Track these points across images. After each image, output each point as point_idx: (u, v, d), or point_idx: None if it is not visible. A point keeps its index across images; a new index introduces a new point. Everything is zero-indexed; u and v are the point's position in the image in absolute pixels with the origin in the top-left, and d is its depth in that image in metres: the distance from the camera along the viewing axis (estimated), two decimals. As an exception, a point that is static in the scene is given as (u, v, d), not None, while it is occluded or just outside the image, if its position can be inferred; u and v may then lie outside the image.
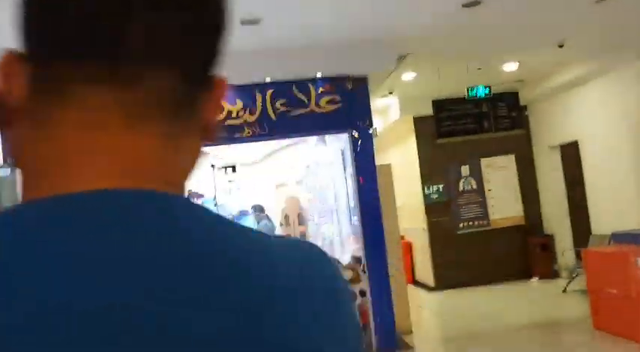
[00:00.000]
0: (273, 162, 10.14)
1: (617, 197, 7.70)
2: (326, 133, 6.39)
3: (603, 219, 8.04)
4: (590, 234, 8.23)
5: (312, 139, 9.63)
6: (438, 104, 8.47)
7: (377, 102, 9.56)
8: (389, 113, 10.16)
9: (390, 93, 8.90)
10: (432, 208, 9.73)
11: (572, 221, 9.24)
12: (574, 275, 8.16)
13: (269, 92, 6.01)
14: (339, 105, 6.08)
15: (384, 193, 6.43)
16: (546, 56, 7.58)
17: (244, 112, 5.98)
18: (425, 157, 9.78)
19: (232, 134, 5.93)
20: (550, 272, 9.32)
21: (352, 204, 6.48)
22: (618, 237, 6.03)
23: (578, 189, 8.69)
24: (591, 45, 7.18)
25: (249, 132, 5.96)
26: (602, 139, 7.97)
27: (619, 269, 5.47)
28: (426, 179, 9.77)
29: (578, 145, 8.54)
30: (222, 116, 5.91)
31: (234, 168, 6.65)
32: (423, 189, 9.78)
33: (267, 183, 9.99)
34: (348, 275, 4.86)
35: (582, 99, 8.31)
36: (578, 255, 8.52)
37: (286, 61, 5.77)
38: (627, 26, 6.41)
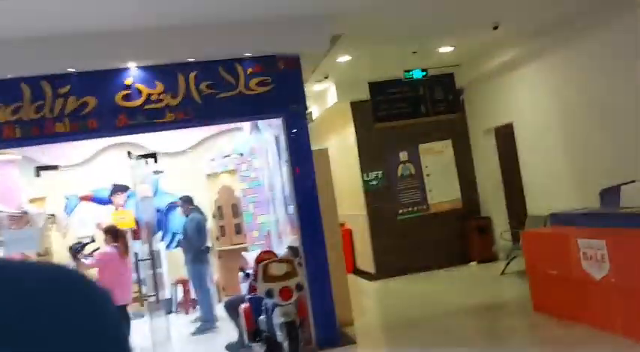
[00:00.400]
0: (204, 150, 9.61)
1: (551, 177, 7.72)
2: (257, 118, 5.98)
3: (539, 200, 8.07)
4: (527, 215, 8.25)
5: (246, 126, 9.20)
6: (375, 87, 8.22)
7: (313, 88, 9.22)
8: (325, 98, 9.84)
9: (326, 77, 8.57)
10: (371, 194, 9.52)
11: (508, 203, 9.28)
12: (511, 257, 8.17)
13: (193, 73, 5.52)
14: (271, 87, 5.68)
15: (321, 180, 6.10)
16: (481, 39, 7.46)
17: (165, 95, 5.46)
18: (364, 143, 9.54)
19: (152, 119, 5.41)
20: (489, 256, 9.34)
21: (287, 192, 6.12)
22: (557, 218, 5.98)
23: (513, 171, 8.70)
24: (525, 28, 7.10)
25: (171, 117, 5.46)
26: (535, 121, 7.98)
27: (559, 250, 5.39)
28: (366, 165, 9.54)
29: (512, 127, 8.53)
30: (140, 100, 5.38)
31: (155, 157, 6.10)
32: (363, 175, 9.54)
33: (197, 173, 9.46)
34: (283, 268, 4.51)
35: (516, 82, 8.29)
36: (515, 237, 8.55)
37: (211, 38, 5.29)
38: (557, 11, 6.36)
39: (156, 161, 6.06)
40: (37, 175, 5.39)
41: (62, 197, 9.41)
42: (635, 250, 4.59)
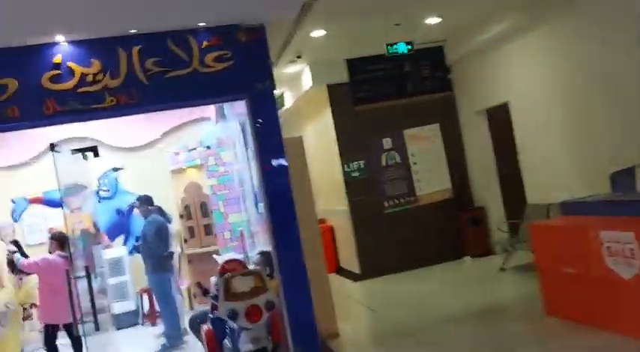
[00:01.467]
0: (168, 143, 8.65)
1: (552, 162, 6.95)
2: (216, 100, 5.07)
3: (539, 188, 7.30)
4: (526, 204, 7.48)
5: (213, 115, 8.26)
6: (354, 64, 7.34)
7: (285, 71, 8.33)
8: (300, 83, 8.95)
9: (299, 57, 7.68)
10: (353, 186, 8.68)
11: (504, 191, 8.50)
12: (510, 250, 7.41)
13: (136, 48, 4.59)
14: (231, 62, 4.77)
15: (295, 173, 5.23)
16: (471, 6, 6.64)
17: (104, 76, 4.52)
18: (343, 130, 8.67)
19: (88, 105, 4.47)
20: (484, 249, 8.57)
21: (257, 187, 5.24)
22: (569, 207, 5.19)
23: (509, 157, 7.92)
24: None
25: (112, 102, 4.52)
26: (533, 100, 7.18)
27: (576, 245, 4.61)
28: (346, 155, 8.68)
29: (508, 108, 7.73)
30: (73, 82, 4.44)
31: (95, 151, 5.14)
32: (343, 165, 8.69)
33: (161, 169, 8.50)
34: (249, 283, 3.63)
35: (511, 57, 7.47)
36: (513, 228, 7.79)
37: (158, 4, 4.36)
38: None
39: (96, 155, 5.12)
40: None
41: (8, 200, 8.43)
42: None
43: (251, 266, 5.16)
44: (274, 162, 4.90)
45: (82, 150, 5.14)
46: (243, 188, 7.10)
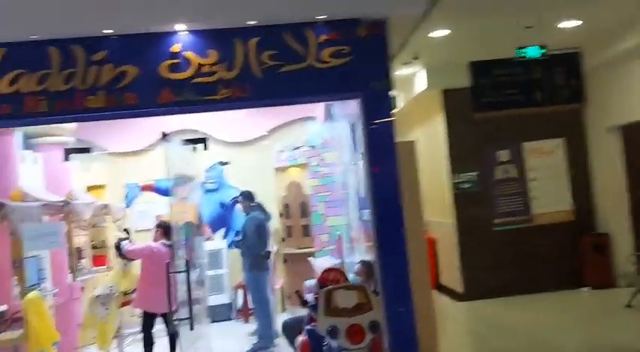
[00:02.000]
0: (274, 141, 8.61)
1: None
2: (329, 97, 4.83)
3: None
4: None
5: (320, 114, 8.07)
6: (477, 67, 6.81)
7: (398, 73, 7.95)
8: (412, 86, 8.55)
9: (415, 58, 7.25)
10: (462, 199, 8.13)
11: (634, 218, 7.55)
12: (638, 287, 6.53)
13: (253, 40, 4.45)
14: (348, 58, 4.50)
15: (405, 180, 4.86)
16: (615, 11, 5.89)
17: (220, 67, 4.43)
18: (455, 139, 8.16)
19: (202, 96, 4.40)
20: (607, 281, 7.66)
21: (363, 192, 4.94)
22: None
23: (645, 180, 7.00)
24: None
25: (225, 94, 4.42)
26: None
27: None
28: (456, 165, 8.15)
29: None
30: (189, 72, 4.39)
31: (205, 143, 5.08)
32: (452, 176, 8.16)
33: (265, 166, 8.47)
34: (352, 298, 3.32)
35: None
36: (644, 261, 6.88)
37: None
38: None
39: (205, 147, 5.07)
40: (66, 159, 4.59)
41: (122, 185, 8.79)
42: None
43: (350, 276, 4.87)
44: (385, 167, 4.56)
45: (193, 141, 5.12)
46: (346, 191, 6.83)
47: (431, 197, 8.92)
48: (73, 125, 6.94)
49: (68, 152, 4.80)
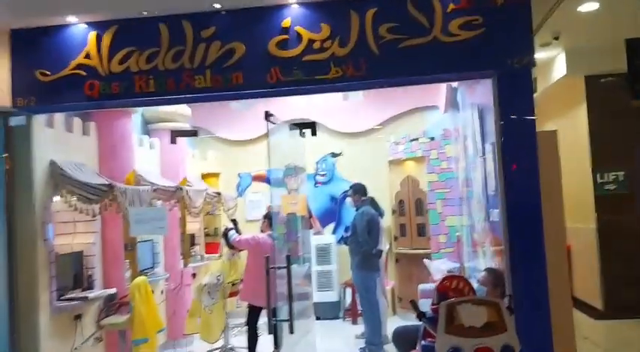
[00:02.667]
0: (389, 132, 8.05)
1: None
2: (456, 77, 4.19)
3: None
4: None
5: (442, 103, 7.39)
6: (637, 46, 5.73)
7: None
8: (548, 72, 7.55)
9: (556, 38, 6.33)
10: (605, 202, 7.03)
11: None
12: None
13: (371, 11, 3.95)
14: (481, 31, 3.85)
15: (543, 175, 4.11)
16: None
17: (332, 43, 3.99)
18: (600, 133, 7.07)
19: (312, 75, 3.98)
20: None
21: (493, 190, 4.25)
22: None
23: None
24: None
25: (336, 73, 3.96)
26: None
27: None
28: (600, 163, 7.07)
29: None
30: (299, 48, 4.00)
31: (313, 128, 4.63)
32: (594, 175, 7.09)
33: (379, 158, 7.96)
34: (482, 315, 2.69)
35: None
36: None
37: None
38: None
39: (314, 133, 4.66)
40: (173, 142, 4.43)
41: (235, 175, 8.75)
42: None
43: (474, 284, 4.21)
44: (522, 162, 3.86)
45: (300, 126, 4.75)
46: (469, 188, 6.12)
47: (566, 199, 7.87)
48: (188, 111, 6.94)
49: (175, 134, 4.64)
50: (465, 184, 6.38)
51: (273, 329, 5.26)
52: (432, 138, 7.44)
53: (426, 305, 6.30)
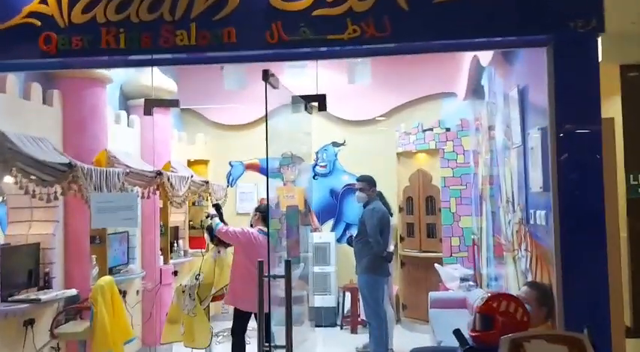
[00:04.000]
0: (399, 120, 7.28)
1: None
2: (499, 43, 3.37)
3: None
4: None
5: (462, 89, 6.60)
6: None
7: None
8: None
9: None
10: (638, 207, 6.29)
11: None
12: None
13: (400, -44, 3.15)
14: (535, -16, 3.07)
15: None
16: None
17: (349, -5, 3.18)
18: (634, 128, 6.31)
19: (323, 35, 3.18)
20: None
21: (539, 186, 3.49)
22: None
23: None
24: None
25: (354, 32, 3.16)
26: None
27: None
28: (633, 162, 6.31)
29: None
30: (309, 0, 3.19)
31: (323, 102, 3.80)
32: (627, 177, 6.34)
33: (386, 150, 7.18)
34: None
35: None
36: None
37: None
38: None
39: (322, 108, 3.86)
40: (147, 113, 3.64)
41: (226, 163, 7.97)
42: None
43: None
44: (583, 154, 3.11)
45: (308, 98, 3.95)
46: (492, 185, 5.35)
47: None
48: (173, 86, 6.13)
49: (150, 104, 3.84)
50: (487, 181, 5.61)
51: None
52: (448, 129, 6.66)
53: (436, 316, 5.59)
